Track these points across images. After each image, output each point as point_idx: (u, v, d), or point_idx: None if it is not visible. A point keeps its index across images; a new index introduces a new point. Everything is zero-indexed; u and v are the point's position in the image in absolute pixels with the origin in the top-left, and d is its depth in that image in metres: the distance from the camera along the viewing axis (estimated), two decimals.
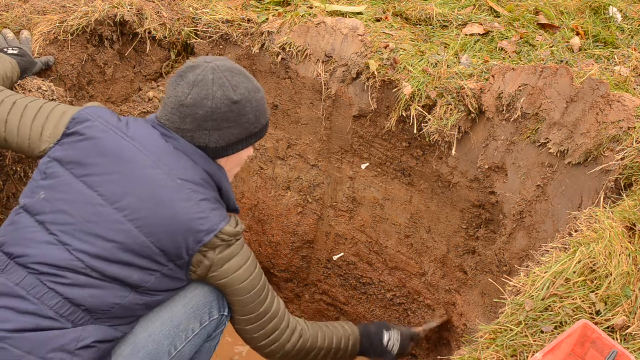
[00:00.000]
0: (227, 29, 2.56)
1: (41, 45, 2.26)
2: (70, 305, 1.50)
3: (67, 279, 1.49)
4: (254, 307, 1.73)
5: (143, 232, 1.52)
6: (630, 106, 1.94)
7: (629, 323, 1.45)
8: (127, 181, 1.53)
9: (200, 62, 1.61)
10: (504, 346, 1.45)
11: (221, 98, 1.57)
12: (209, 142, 1.62)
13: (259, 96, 1.67)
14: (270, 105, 2.70)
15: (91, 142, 1.57)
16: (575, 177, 1.99)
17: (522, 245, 2.13)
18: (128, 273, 1.53)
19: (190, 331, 1.72)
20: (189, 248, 1.56)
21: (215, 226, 1.57)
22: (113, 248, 1.51)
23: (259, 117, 1.68)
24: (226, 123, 1.61)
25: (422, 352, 2.81)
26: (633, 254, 1.60)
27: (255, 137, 1.72)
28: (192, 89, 1.57)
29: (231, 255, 1.64)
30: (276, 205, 2.92)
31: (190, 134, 1.60)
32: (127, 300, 1.55)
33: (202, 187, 1.59)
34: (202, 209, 1.56)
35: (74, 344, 1.50)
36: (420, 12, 2.57)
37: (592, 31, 2.48)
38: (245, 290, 1.70)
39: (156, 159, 1.56)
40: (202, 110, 1.57)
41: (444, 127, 2.22)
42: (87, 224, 1.51)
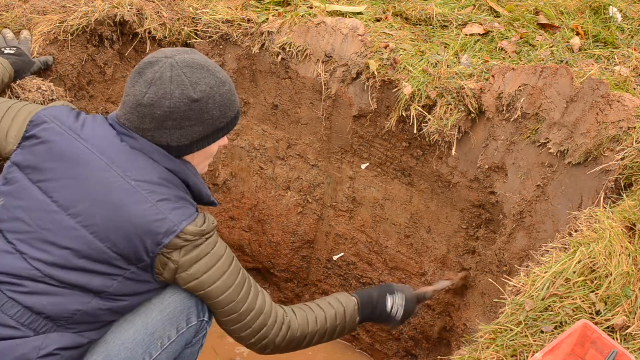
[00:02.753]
0: (227, 29, 2.56)
1: (41, 45, 2.25)
2: (31, 313, 1.46)
3: (26, 287, 1.46)
4: (233, 308, 1.65)
5: (98, 238, 1.48)
6: (630, 106, 1.94)
7: (629, 323, 1.45)
8: (81, 186, 1.49)
9: (159, 57, 1.54)
10: (504, 346, 1.45)
11: (180, 97, 1.50)
12: (171, 141, 1.55)
13: (223, 90, 1.58)
14: (270, 105, 2.70)
15: (46, 146, 1.53)
16: (575, 177, 1.99)
17: (522, 245, 2.13)
18: (87, 279, 1.49)
19: (166, 338, 1.67)
20: (149, 250, 1.50)
21: (174, 227, 1.50)
22: (68, 255, 1.47)
23: (225, 111, 1.60)
24: (187, 122, 1.54)
25: (422, 352, 2.81)
26: (633, 254, 1.60)
27: (222, 132, 1.64)
28: (150, 88, 1.50)
29: (199, 257, 1.56)
30: (276, 205, 2.92)
31: (150, 133, 1.54)
32: (90, 306, 1.51)
33: (161, 187, 1.52)
34: (159, 210, 1.49)
35: (35, 352, 1.46)
36: (420, 12, 2.57)
37: (592, 31, 2.48)
38: (218, 291, 1.62)
39: (110, 161, 1.51)
40: (160, 110, 1.50)
41: (444, 127, 2.22)
42: (43, 232, 1.48)
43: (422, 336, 2.77)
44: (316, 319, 1.84)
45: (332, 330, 1.89)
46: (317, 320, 1.84)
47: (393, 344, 2.91)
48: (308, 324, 1.81)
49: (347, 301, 1.93)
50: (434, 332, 2.70)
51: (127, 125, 1.55)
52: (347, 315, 1.91)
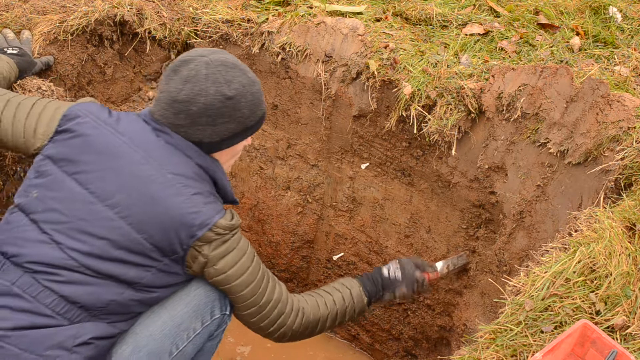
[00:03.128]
0: (227, 29, 2.56)
1: (41, 45, 2.26)
2: (66, 303, 1.50)
3: (62, 277, 1.49)
4: (255, 300, 1.70)
5: (135, 229, 1.51)
6: (630, 106, 1.94)
7: (629, 323, 1.45)
8: (117, 178, 1.52)
9: (194, 56, 1.58)
10: (504, 346, 1.45)
11: (215, 94, 1.55)
12: (203, 138, 1.60)
13: (254, 89, 1.64)
14: (270, 105, 2.70)
15: (82, 139, 1.56)
16: (575, 177, 1.99)
17: (522, 245, 2.13)
18: (123, 270, 1.52)
19: (192, 330, 1.71)
20: (183, 243, 1.54)
21: (208, 220, 1.55)
22: (105, 245, 1.50)
23: (255, 111, 1.65)
24: (220, 119, 1.58)
25: (422, 352, 2.81)
26: (633, 254, 1.60)
27: (251, 130, 1.69)
28: (185, 85, 1.55)
29: (226, 252, 1.61)
30: (276, 205, 2.92)
31: (184, 129, 1.58)
32: (124, 297, 1.55)
33: (194, 181, 1.57)
34: (194, 203, 1.54)
35: (71, 340, 1.50)
36: (420, 12, 2.57)
37: (592, 31, 2.48)
38: (242, 285, 1.67)
39: (146, 154, 1.55)
40: (195, 107, 1.55)
41: (444, 127, 2.22)
42: (79, 222, 1.51)
43: (422, 336, 2.77)
44: (325, 303, 1.87)
45: (343, 312, 1.91)
46: (326, 304, 1.87)
47: (393, 344, 2.91)
48: (319, 308, 1.85)
49: (352, 283, 1.96)
50: (434, 332, 2.70)
51: (161, 121, 1.59)
52: (354, 296, 1.93)
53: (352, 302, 1.93)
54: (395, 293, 2.02)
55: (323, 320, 1.86)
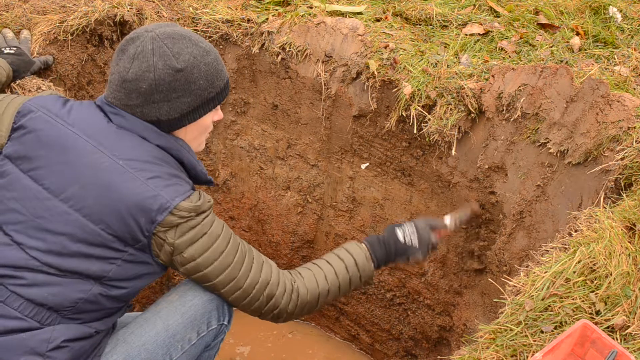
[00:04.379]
0: (227, 29, 2.56)
1: (41, 45, 2.26)
2: (34, 305, 1.46)
3: (25, 280, 1.46)
4: (236, 284, 1.61)
5: (91, 220, 1.46)
6: (630, 106, 1.94)
7: (629, 323, 1.45)
8: (70, 170, 1.48)
9: (140, 33, 1.53)
10: (504, 346, 1.45)
11: (163, 68, 1.49)
12: (160, 115, 1.53)
13: (208, 59, 1.56)
14: (270, 105, 2.70)
15: (34, 135, 1.52)
16: (575, 177, 1.99)
17: (522, 245, 2.13)
18: (85, 265, 1.48)
19: (186, 341, 1.67)
20: (144, 229, 1.47)
21: (167, 203, 1.46)
22: (63, 241, 1.46)
23: (213, 81, 1.58)
24: (174, 93, 1.52)
25: (422, 352, 2.81)
26: (633, 254, 1.60)
27: (212, 102, 1.61)
28: (133, 63, 1.49)
29: (194, 238, 1.52)
30: (276, 205, 2.92)
31: (139, 109, 1.52)
32: (91, 294, 1.50)
33: (151, 165, 1.50)
34: (150, 187, 1.47)
35: (44, 345, 1.46)
36: (420, 12, 2.57)
37: (592, 31, 2.48)
38: (217, 271, 1.58)
39: (97, 142, 1.50)
40: (145, 84, 1.49)
41: (444, 127, 2.22)
42: (37, 220, 1.48)
43: (422, 336, 2.77)
44: (325, 277, 1.77)
45: (346, 284, 1.80)
46: (326, 278, 1.77)
47: (393, 344, 2.91)
48: (318, 284, 1.75)
49: (357, 252, 1.84)
50: (434, 332, 2.70)
51: (115, 103, 1.54)
52: (360, 266, 1.82)
53: (356, 273, 1.81)
54: (410, 259, 1.90)
55: (323, 296, 1.76)
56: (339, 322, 3.07)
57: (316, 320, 3.15)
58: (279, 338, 3.05)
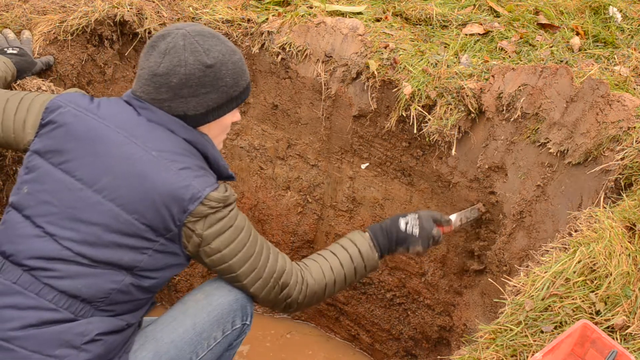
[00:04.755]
0: (227, 29, 2.56)
1: (41, 45, 2.26)
2: (67, 297, 1.48)
3: (59, 272, 1.48)
4: (257, 274, 1.67)
5: (125, 210, 1.49)
6: (630, 106, 1.94)
7: (629, 323, 1.45)
8: (102, 162, 1.51)
9: (171, 30, 1.57)
10: (504, 346, 1.45)
11: (194, 63, 1.54)
12: (187, 110, 1.58)
13: (235, 58, 1.62)
14: (270, 105, 2.70)
15: (64, 129, 1.55)
16: (575, 177, 1.99)
17: (522, 245, 2.13)
18: (118, 255, 1.50)
19: (212, 339, 1.71)
20: (176, 219, 1.51)
21: (199, 193, 1.51)
22: (98, 231, 1.49)
23: (238, 80, 1.63)
24: (203, 89, 1.57)
25: (422, 352, 2.81)
26: (633, 254, 1.60)
27: (236, 101, 1.66)
28: (164, 58, 1.53)
29: (221, 230, 1.57)
30: (276, 205, 2.92)
31: (167, 103, 1.56)
32: (124, 284, 1.52)
33: (181, 156, 1.54)
34: (183, 177, 1.50)
35: (79, 339, 1.49)
36: (420, 12, 2.57)
37: (592, 31, 2.48)
38: (240, 263, 1.63)
39: (129, 134, 1.53)
40: (176, 78, 1.53)
41: (444, 127, 2.22)
42: (70, 211, 1.49)
43: (422, 336, 2.77)
44: (331, 268, 1.81)
45: (352, 274, 1.85)
46: (332, 268, 1.81)
47: (393, 344, 2.91)
48: (324, 275, 1.80)
49: (361, 241, 1.88)
50: (434, 332, 2.70)
51: (143, 97, 1.58)
52: (364, 255, 1.86)
53: (361, 262, 1.85)
54: (409, 248, 1.93)
55: (330, 286, 1.81)
56: (339, 322, 3.07)
57: (316, 320, 3.15)
58: (278, 338, 3.05)
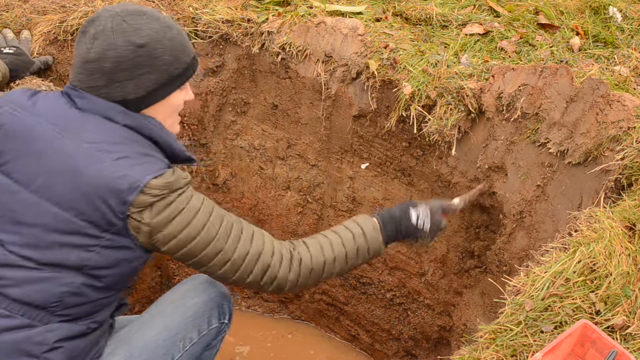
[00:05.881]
0: (227, 29, 2.56)
1: (41, 45, 2.26)
2: (21, 305, 1.45)
3: (7, 280, 1.44)
4: (224, 257, 1.55)
5: (62, 208, 1.43)
6: (630, 106, 1.94)
7: (629, 323, 1.45)
8: (37, 160, 1.45)
9: (100, 13, 1.50)
10: (504, 346, 1.45)
11: (124, 45, 1.45)
12: (127, 95, 1.50)
13: (171, 34, 1.52)
14: (270, 105, 2.70)
15: (2, 131, 1.49)
16: (575, 177, 1.99)
17: (522, 245, 2.13)
18: (63, 255, 1.44)
19: (187, 340, 1.67)
20: (117, 212, 1.43)
21: (137, 182, 1.41)
22: (39, 232, 1.44)
23: (178, 56, 1.54)
24: (138, 70, 1.48)
25: (422, 352, 2.81)
26: (633, 254, 1.60)
27: (179, 79, 1.57)
28: (94, 43, 1.46)
29: (172, 215, 1.47)
30: (276, 205, 2.92)
31: (104, 90, 1.49)
32: (75, 285, 1.47)
33: (118, 145, 1.46)
34: (117, 167, 1.42)
35: (38, 348, 1.45)
36: (420, 12, 2.57)
37: (592, 31, 2.48)
38: (201, 245, 1.52)
39: (60, 129, 1.46)
40: (107, 63, 1.45)
41: (444, 127, 2.22)
42: (11, 214, 1.45)
43: (422, 336, 2.77)
44: (331, 245, 1.71)
45: (353, 254, 1.73)
46: (332, 246, 1.70)
47: (393, 344, 2.91)
48: (323, 252, 1.69)
49: (366, 222, 1.78)
50: (434, 332, 2.70)
51: (79, 86, 1.51)
52: (368, 236, 1.75)
53: (364, 243, 1.75)
54: (417, 242, 1.86)
55: (329, 264, 1.69)
56: (339, 322, 3.07)
57: (316, 320, 3.15)
58: (278, 338, 3.05)
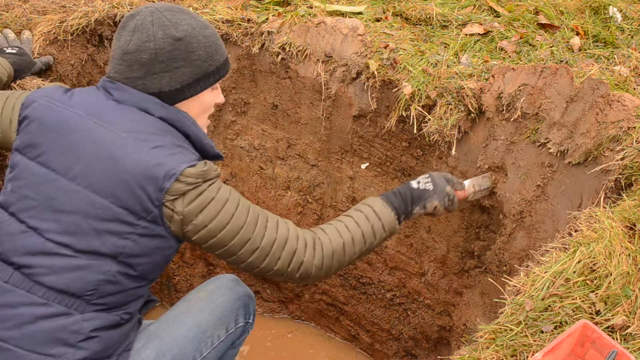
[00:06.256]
0: (227, 29, 2.56)
1: (41, 45, 2.26)
2: (57, 293, 1.48)
3: (44, 268, 1.47)
4: (252, 244, 1.58)
5: (100, 195, 1.47)
6: (630, 106, 1.94)
7: (629, 323, 1.45)
8: (74, 150, 1.50)
9: (139, 9, 1.57)
10: (504, 346, 1.45)
11: (163, 37, 1.52)
12: (162, 87, 1.55)
13: (207, 32, 1.60)
14: (270, 105, 2.70)
15: (37, 123, 1.54)
16: (575, 177, 1.99)
17: (522, 245, 2.13)
18: (100, 242, 1.48)
19: (216, 337, 1.71)
20: (153, 199, 1.46)
21: (173, 170, 1.45)
22: (77, 219, 1.48)
23: (212, 54, 1.61)
24: (174, 63, 1.55)
25: (422, 352, 2.81)
26: (633, 254, 1.60)
27: (213, 77, 1.63)
28: (133, 35, 1.52)
29: (202, 205, 1.50)
30: (276, 205, 2.92)
31: (141, 81, 1.54)
32: (110, 274, 1.50)
33: (154, 135, 1.51)
34: (154, 156, 1.47)
35: (74, 337, 1.48)
36: (420, 12, 2.57)
37: (592, 31, 2.48)
38: (231, 234, 1.55)
39: (98, 119, 1.51)
40: (146, 54, 1.52)
41: (444, 127, 2.22)
42: (49, 202, 1.49)
43: (422, 336, 2.77)
44: (346, 226, 1.73)
45: (370, 233, 1.75)
46: (347, 227, 1.73)
47: (393, 344, 2.91)
48: (340, 234, 1.71)
49: (374, 201, 1.81)
50: (434, 332, 2.70)
51: (117, 78, 1.56)
52: (378, 212, 1.77)
53: (377, 220, 1.76)
54: (427, 205, 1.86)
55: (349, 245, 1.70)
56: (339, 322, 3.07)
57: (316, 320, 3.15)
58: (278, 337, 3.06)
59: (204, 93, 1.64)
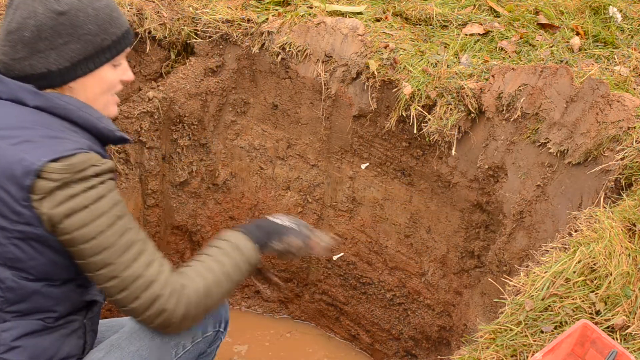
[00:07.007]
0: (227, 29, 2.56)
1: None
2: None
3: None
4: (112, 271, 1.40)
5: None
6: (630, 106, 1.94)
7: (629, 323, 1.45)
8: None
9: None
10: (504, 346, 1.45)
11: (44, 12, 1.39)
12: (49, 65, 1.43)
13: (98, 5, 1.45)
14: (270, 105, 2.70)
15: None
16: (575, 177, 1.99)
17: (522, 245, 2.13)
18: None
19: (180, 348, 1.63)
20: (19, 199, 1.34)
21: (32, 165, 1.31)
22: None
23: (105, 28, 1.46)
24: (60, 39, 1.41)
25: (422, 352, 2.81)
26: (633, 254, 1.60)
27: (109, 52, 1.49)
28: (15, 13, 1.41)
29: (72, 211, 1.35)
30: (276, 205, 2.92)
31: (27, 62, 1.42)
32: (10, 280, 1.41)
33: (22, 130, 1.38)
34: (16, 152, 1.34)
35: None
36: (420, 12, 2.57)
37: (592, 31, 2.48)
38: (91, 251, 1.39)
39: None
40: (28, 32, 1.40)
41: (444, 127, 2.22)
42: None
43: (422, 336, 2.77)
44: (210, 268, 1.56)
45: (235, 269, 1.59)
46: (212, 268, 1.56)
47: (393, 344, 2.91)
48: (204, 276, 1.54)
49: (229, 234, 1.66)
50: (434, 332, 2.70)
51: (3, 60, 1.45)
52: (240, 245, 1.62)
53: (239, 254, 1.60)
54: (284, 240, 1.71)
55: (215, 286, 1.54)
56: (339, 322, 3.07)
57: (316, 320, 3.15)
58: (277, 337, 3.05)
59: (102, 70, 1.50)
